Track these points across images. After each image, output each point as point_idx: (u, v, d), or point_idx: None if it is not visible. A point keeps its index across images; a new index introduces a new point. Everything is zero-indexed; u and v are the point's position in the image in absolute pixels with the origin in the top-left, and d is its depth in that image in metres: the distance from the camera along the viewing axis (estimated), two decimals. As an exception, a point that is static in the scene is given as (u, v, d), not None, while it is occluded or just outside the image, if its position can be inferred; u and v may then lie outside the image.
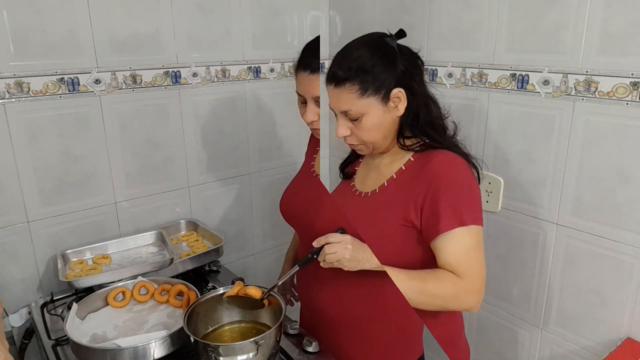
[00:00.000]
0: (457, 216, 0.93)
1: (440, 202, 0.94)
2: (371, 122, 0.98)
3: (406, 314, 1.12)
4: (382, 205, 1.03)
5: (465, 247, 0.94)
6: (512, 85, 1.35)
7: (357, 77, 0.95)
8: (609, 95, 1.16)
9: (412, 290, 0.95)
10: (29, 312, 1.40)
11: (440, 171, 0.96)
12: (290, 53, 1.82)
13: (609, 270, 1.24)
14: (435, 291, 0.94)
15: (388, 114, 0.99)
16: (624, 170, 1.17)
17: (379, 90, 0.96)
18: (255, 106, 1.80)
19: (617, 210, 1.20)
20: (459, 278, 0.93)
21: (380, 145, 1.03)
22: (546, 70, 1.27)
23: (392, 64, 0.98)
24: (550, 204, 1.33)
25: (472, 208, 0.96)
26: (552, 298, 1.38)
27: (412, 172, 1.02)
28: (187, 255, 1.50)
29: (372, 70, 0.96)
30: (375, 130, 0.99)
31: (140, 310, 1.25)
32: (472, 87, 1.45)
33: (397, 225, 1.00)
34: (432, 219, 0.95)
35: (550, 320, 1.40)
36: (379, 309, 1.10)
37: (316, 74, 1.03)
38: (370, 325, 1.12)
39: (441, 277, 0.94)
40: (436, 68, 1.54)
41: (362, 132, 1.00)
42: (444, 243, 0.94)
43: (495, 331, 1.56)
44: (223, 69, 1.68)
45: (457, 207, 0.94)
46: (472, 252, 0.95)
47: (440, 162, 0.97)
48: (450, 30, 1.47)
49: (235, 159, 1.80)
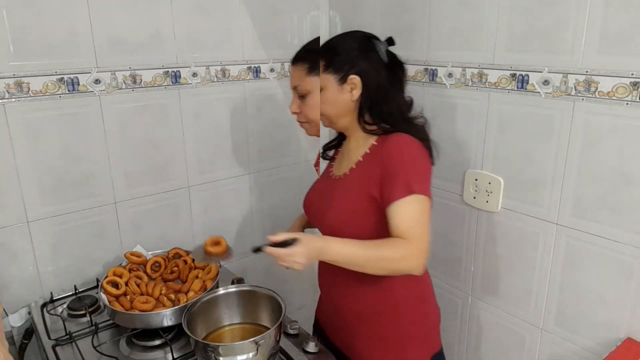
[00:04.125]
0: (407, 186, 1.03)
1: (392, 175, 1.05)
2: (315, 100, 1.12)
3: (420, 309, 1.22)
4: (351, 185, 1.14)
5: (413, 213, 1.03)
6: (512, 85, 1.35)
7: (307, 58, 1.12)
8: (609, 95, 1.16)
9: (363, 257, 1.01)
10: (29, 312, 1.40)
11: (392, 149, 1.08)
12: (290, 53, 1.81)
13: (609, 270, 1.24)
14: (384, 254, 1.01)
15: (341, 95, 1.11)
16: (624, 170, 1.17)
17: (336, 72, 1.10)
18: (255, 106, 1.80)
19: (617, 210, 1.20)
20: (406, 240, 1.01)
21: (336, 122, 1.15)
22: (546, 70, 1.27)
23: (361, 55, 1.10)
24: (550, 204, 1.33)
25: (419, 179, 1.05)
26: (552, 298, 1.38)
27: (375, 153, 1.13)
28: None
29: (333, 54, 1.10)
30: (317, 109, 1.13)
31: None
32: (472, 87, 1.45)
33: (364, 201, 1.10)
34: (386, 190, 1.05)
35: (550, 320, 1.40)
36: (389, 303, 1.18)
37: (294, 65, 1.16)
38: (381, 319, 1.19)
39: (390, 242, 1.02)
40: (436, 68, 1.54)
41: (306, 109, 1.15)
42: (396, 210, 1.03)
43: (495, 331, 1.56)
44: (223, 69, 1.68)
45: (407, 179, 1.03)
46: (419, 218, 1.03)
47: (394, 142, 1.09)
48: (450, 30, 1.47)
49: (235, 159, 1.80)
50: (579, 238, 1.28)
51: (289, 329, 1.25)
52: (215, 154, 1.74)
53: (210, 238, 1.21)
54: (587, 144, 1.22)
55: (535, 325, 1.44)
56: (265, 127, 1.84)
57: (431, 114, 1.59)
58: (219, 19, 1.63)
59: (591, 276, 1.28)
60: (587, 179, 1.24)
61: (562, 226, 1.32)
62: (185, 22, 1.55)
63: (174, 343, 1.24)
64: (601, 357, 1.24)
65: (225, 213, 1.83)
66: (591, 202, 1.24)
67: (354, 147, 1.19)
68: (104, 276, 1.36)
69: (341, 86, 1.11)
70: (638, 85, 1.11)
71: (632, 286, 1.20)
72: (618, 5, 1.11)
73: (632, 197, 1.16)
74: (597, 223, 1.24)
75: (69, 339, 1.25)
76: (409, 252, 1.00)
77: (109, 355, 1.19)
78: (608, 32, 1.13)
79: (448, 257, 1.65)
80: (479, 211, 1.51)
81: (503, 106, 1.38)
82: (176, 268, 1.43)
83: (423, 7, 1.53)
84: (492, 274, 1.52)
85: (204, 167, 1.72)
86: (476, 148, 1.47)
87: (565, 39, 1.21)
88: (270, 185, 1.91)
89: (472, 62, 1.43)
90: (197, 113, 1.66)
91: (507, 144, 1.39)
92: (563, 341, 1.38)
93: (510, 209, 1.43)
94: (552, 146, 1.29)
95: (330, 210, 1.16)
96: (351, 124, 1.16)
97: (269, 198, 1.92)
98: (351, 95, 1.11)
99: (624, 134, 1.15)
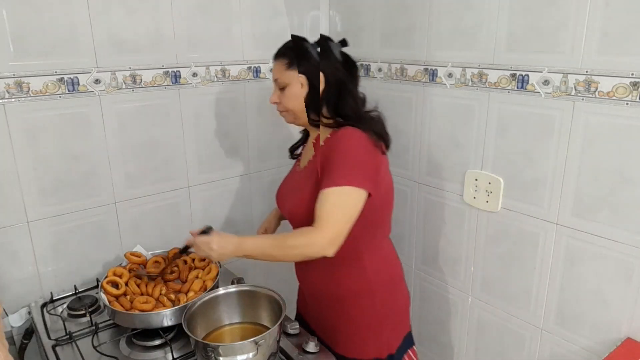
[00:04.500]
0: (336, 178, 1.11)
1: (329, 166, 1.14)
2: (291, 92, 1.23)
3: (391, 292, 1.30)
4: (307, 175, 1.25)
5: (329, 204, 1.11)
6: (512, 85, 1.35)
7: (286, 54, 1.23)
8: (609, 95, 1.16)
9: (271, 247, 1.13)
10: (29, 312, 1.40)
11: (336, 142, 1.16)
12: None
13: (609, 270, 1.24)
14: (291, 242, 1.12)
15: (302, 90, 1.23)
16: (624, 170, 1.17)
17: (297, 69, 1.21)
18: (255, 106, 1.80)
19: (617, 210, 1.20)
20: (312, 228, 1.11)
21: (300, 117, 1.26)
22: (546, 70, 1.27)
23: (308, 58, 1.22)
24: (550, 204, 1.33)
25: (352, 172, 1.12)
26: (552, 298, 1.38)
27: (327, 145, 1.20)
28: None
29: (298, 55, 1.22)
30: (294, 99, 1.23)
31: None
32: (472, 87, 1.45)
33: (312, 187, 1.19)
34: (322, 179, 1.15)
35: (550, 320, 1.40)
36: (363, 287, 1.26)
37: (276, 60, 1.26)
38: (356, 301, 1.26)
39: (297, 231, 1.15)
40: (436, 68, 1.54)
41: (285, 99, 1.25)
42: (320, 198, 1.12)
43: (495, 331, 1.56)
44: (223, 69, 1.68)
45: (339, 171, 1.12)
46: (333, 208, 1.11)
47: (339, 135, 1.17)
48: (450, 30, 1.47)
49: (235, 159, 1.80)
50: (579, 238, 1.28)
51: (289, 329, 1.25)
52: (215, 154, 1.74)
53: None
54: (587, 144, 1.22)
55: (535, 325, 1.44)
56: (265, 127, 1.84)
57: (431, 114, 1.59)
58: (219, 19, 1.63)
59: (591, 276, 1.28)
60: (587, 179, 1.24)
61: (562, 226, 1.32)
62: (185, 22, 1.55)
63: (174, 343, 1.24)
64: (601, 357, 1.24)
65: (225, 213, 1.83)
66: (591, 202, 1.24)
67: (314, 140, 1.30)
68: (104, 276, 1.36)
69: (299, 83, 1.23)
70: (638, 85, 1.11)
71: (632, 286, 1.20)
72: (618, 5, 1.11)
73: (632, 197, 1.16)
74: (597, 223, 1.24)
75: (69, 339, 1.25)
76: (313, 239, 1.10)
77: (109, 355, 1.19)
78: (608, 32, 1.13)
79: (448, 257, 1.65)
80: (479, 211, 1.51)
81: (503, 106, 1.38)
82: (176, 268, 1.43)
83: (423, 7, 1.53)
84: (492, 274, 1.52)
85: (204, 167, 1.72)
86: (476, 148, 1.47)
87: (565, 39, 1.21)
88: (270, 185, 1.91)
89: (472, 62, 1.43)
90: (197, 113, 1.66)
91: (507, 144, 1.39)
92: (563, 341, 1.38)
93: (510, 209, 1.43)
94: (552, 146, 1.29)
95: (290, 198, 1.29)
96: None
97: (269, 198, 1.92)
98: (303, 92, 1.23)
99: (624, 134, 1.15)
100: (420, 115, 1.62)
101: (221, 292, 1.23)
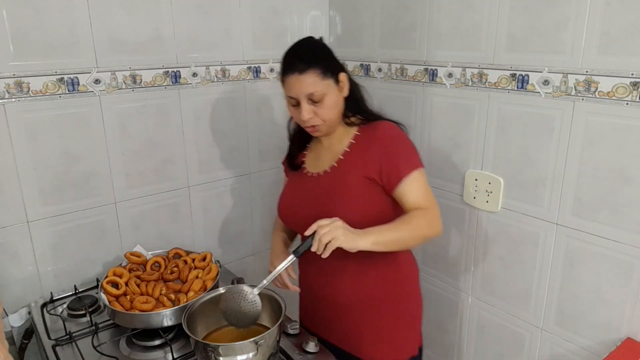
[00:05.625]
0: (410, 163, 1.15)
1: (393, 156, 1.15)
2: (331, 100, 1.16)
3: (418, 289, 1.32)
4: (344, 173, 1.20)
5: (423, 185, 1.16)
6: (512, 85, 1.35)
7: (316, 63, 1.14)
8: (609, 95, 1.16)
9: (405, 230, 1.11)
10: (29, 312, 1.40)
11: (387, 135, 1.18)
12: (290, 53, 1.82)
13: (609, 270, 1.24)
14: (418, 223, 1.12)
15: (340, 94, 1.19)
16: (624, 170, 1.17)
17: (332, 74, 1.16)
18: (255, 106, 1.80)
19: (617, 210, 1.20)
20: (425, 210, 1.14)
21: (335, 124, 1.22)
22: (546, 70, 1.27)
23: (333, 56, 1.21)
24: (550, 203, 1.33)
25: (415, 155, 1.19)
26: (552, 298, 1.38)
27: (362, 141, 1.21)
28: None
29: (325, 58, 1.17)
30: (334, 108, 1.18)
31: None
32: (472, 87, 1.45)
33: (361, 183, 1.17)
34: (392, 171, 1.15)
35: (550, 320, 1.40)
36: (398, 288, 1.25)
37: (305, 74, 1.13)
38: (390, 304, 1.25)
39: (415, 213, 1.13)
40: (436, 68, 1.54)
41: (324, 111, 1.16)
42: (407, 186, 1.14)
43: (495, 331, 1.56)
44: (223, 69, 1.68)
45: (407, 157, 1.16)
46: (427, 189, 1.17)
47: (385, 129, 1.19)
48: (451, 30, 1.47)
49: (235, 159, 1.80)
50: (578, 238, 1.28)
51: (289, 329, 1.25)
52: (215, 154, 1.74)
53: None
54: (587, 144, 1.22)
55: (535, 325, 1.44)
56: (265, 127, 1.84)
57: (431, 114, 1.59)
58: (219, 19, 1.63)
59: (591, 276, 1.28)
60: (587, 179, 1.24)
61: (562, 226, 1.32)
62: (185, 22, 1.55)
63: (174, 343, 1.24)
64: (601, 357, 1.24)
65: (225, 213, 1.83)
66: (591, 202, 1.24)
67: (335, 142, 1.25)
68: (104, 276, 1.36)
69: (337, 86, 1.18)
70: (638, 85, 1.11)
71: (632, 286, 1.20)
72: (618, 5, 1.11)
73: (632, 197, 1.16)
74: (597, 223, 1.24)
75: (69, 339, 1.25)
76: (432, 217, 1.14)
77: (109, 355, 1.19)
78: (608, 32, 1.13)
79: (448, 257, 1.65)
80: (479, 211, 1.51)
81: (503, 106, 1.38)
82: (176, 268, 1.43)
83: (423, 7, 1.53)
84: (492, 274, 1.52)
85: (204, 167, 1.72)
86: (476, 148, 1.47)
87: (565, 39, 1.21)
88: (270, 185, 1.91)
89: (472, 62, 1.43)
90: (197, 113, 1.66)
91: (507, 144, 1.39)
92: (563, 341, 1.38)
93: (510, 209, 1.43)
94: (552, 146, 1.29)
95: (334, 203, 1.17)
96: (338, 123, 1.24)
97: (269, 198, 1.92)
98: (343, 92, 1.21)
99: (624, 134, 1.15)
100: (420, 116, 1.62)
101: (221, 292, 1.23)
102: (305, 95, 1.14)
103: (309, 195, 1.25)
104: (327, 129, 1.21)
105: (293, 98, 1.17)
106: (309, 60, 1.14)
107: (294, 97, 1.17)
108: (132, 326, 1.25)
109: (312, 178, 1.26)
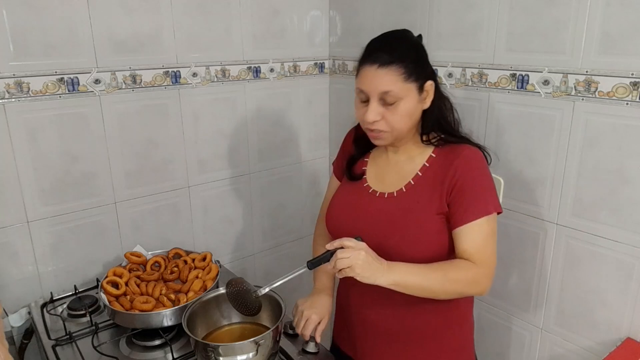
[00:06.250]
0: (483, 207, 1.00)
1: (467, 194, 1.00)
2: (407, 107, 1.00)
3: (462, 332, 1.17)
4: (413, 202, 1.05)
5: (483, 236, 1.00)
6: (512, 85, 1.35)
7: (403, 61, 0.98)
8: (609, 95, 1.16)
9: (436, 280, 0.98)
10: (29, 312, 1.40)
11: (464, 165, 1.02)
12: (290, 53, 1.82)
13: (609, 270, 1.24)
14: (453, 276, 0.98)
15: (419, 104, 1.03)
16: (624, 170, 1.17)
17: (418, 79, 1.00)
18: (255, 106, 1.80)
19: (617, 210, 1.20)
20: (474, 264, 0.99)
21: (403, 137, 1.06)
22: (546, 70, 1.27)
23: (426, 59, 1.05)
24: (550, 203, 1.33)
25: (492, 196, 1.03)
26: (552, 298, 1.38)
27: (437, 166, 1.06)
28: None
29: (415, 59, 1.01)
30: (407, 118, 1.02)
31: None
32: (472, 87, 1.45)
33: (433, 217, 1.03)
34: (460, 209, 1.01)
35: (550, 320, 1.40)
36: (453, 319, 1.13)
37: (385, 68, 0.98)
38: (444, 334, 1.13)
39: (458, 264, 1.00)
40: (436, 68, 1.53)
41: (395, 118, 1.01)
42: (467, 231, 1.00)
43: (495, 331, 1.56)
44: (223, 69, 1.68)
45: (483, 199, 1.01)
46: (488, 241, 1.01)
47: (467, 156, 1.03)
48: (451, 30, 1.47)
49: (235, 159, 1.80)
50: (579, 238, 1.29)
51: (289, 329, 1.25)
52: (215, 154, 1.74)
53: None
54: (587, 144, 1.22)
55: (535, 325, 1.44)
56: (265, 127, 1.84)
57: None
58: (219, 19, 1.63)
59: (591, 276, 1.28)
60: (587, 179, 1.24)
61: (562, 226, 1.32)
62: (185, 22, 1.55)
63: (174, 343, 1.24)
64: (601, 357, 1.23)
65: (225, 213, 1.83)
66: (591, 202, 1.24)
67: (405, 159, 1.10)
68: (104, 276, 1.36)
69: (420, 95, 1.03)
70: (638, 85, 1.11)
71: (632, 286, 1.20)
72: (618, 5, 1.11)
73: (632, 197, 1.16)
74: (597, 223, 1.24)
75: (69, 339, 1.25)
76: (479, 276, 0.99)
77: (109, 355, 1.19)
78: (608, 32, 1.13)
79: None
80: (479, 211, 1.51)
81: (503, 106, 1.38)
82: (176, 268, 1.43)
83: (423, 7, 1.53)
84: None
85: (204, 167, 1.72)
86: (476, 148, 1.47)
87: (565, 39, 1.21)
88: (270, 185, 1.92)
89: (472, 62, 1.43)
90: (197, 113, 1.66)
91: (507, 144, 1.39)
92: (563, 341, 1.38)
93: (510, 209, 1.43)
94: (552, 146, 1.29)
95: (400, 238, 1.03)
96: (407, 137, 1.08)
97: (269, 198, 1.92)
98: (425, 103, 1.05)
99: (624, 134, 1.15)
100: (420, 115, 1.62)
101: (221, 292, 1.23)
102: (378, 93, 0.99)
103: (367, 215, 1.10)
104: (392, 140, 1.05)
105: (363, 92, 1.02)
106: (395, 55, 0.98)
107: (364, 92, 1.01)
108: (132, 326, 1.25)
109: (375, 198, 1.10)
